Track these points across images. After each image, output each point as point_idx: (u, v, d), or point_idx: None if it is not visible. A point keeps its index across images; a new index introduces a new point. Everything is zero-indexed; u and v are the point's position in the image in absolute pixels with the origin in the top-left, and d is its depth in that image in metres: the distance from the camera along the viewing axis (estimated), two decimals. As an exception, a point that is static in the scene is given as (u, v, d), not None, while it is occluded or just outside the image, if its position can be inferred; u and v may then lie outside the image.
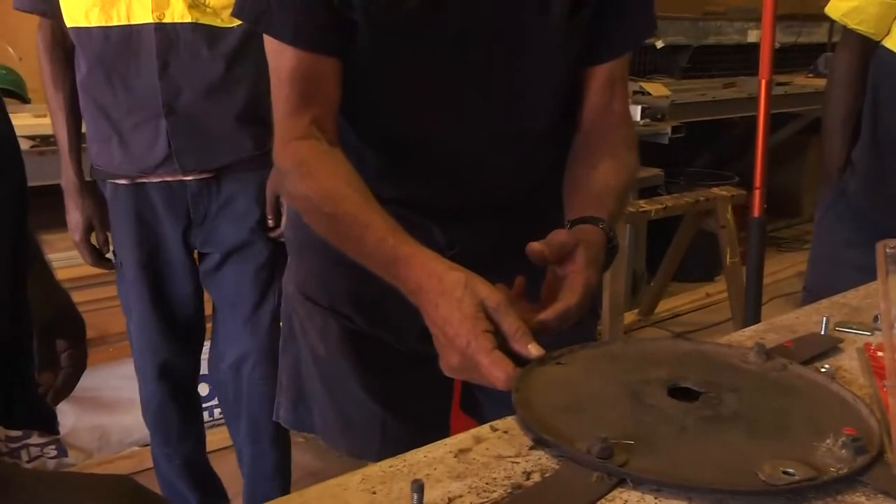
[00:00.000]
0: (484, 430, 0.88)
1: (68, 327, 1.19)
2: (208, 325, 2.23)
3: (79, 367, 1.21)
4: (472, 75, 1.16)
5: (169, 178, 1.96)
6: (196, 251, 2.11)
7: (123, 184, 1.98)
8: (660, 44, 4.18)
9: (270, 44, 1.13)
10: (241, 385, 2.17)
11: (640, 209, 3.52)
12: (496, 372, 0.92)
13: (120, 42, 1.85)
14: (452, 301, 0.97)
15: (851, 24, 1.91)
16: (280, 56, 1.12)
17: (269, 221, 2.06)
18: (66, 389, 1.19)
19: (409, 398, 1.35)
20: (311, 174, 1.12)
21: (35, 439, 2.23)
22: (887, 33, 1.88)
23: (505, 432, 0.87)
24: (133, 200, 1.99)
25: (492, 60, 1.16)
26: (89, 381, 2.46)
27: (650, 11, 1.28)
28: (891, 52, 1.86)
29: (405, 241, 1.04)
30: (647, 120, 4.02)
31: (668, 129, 3.97)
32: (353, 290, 1.27)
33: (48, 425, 1.09)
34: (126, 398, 2.72)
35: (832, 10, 1.96)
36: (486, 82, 1.17)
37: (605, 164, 1.20)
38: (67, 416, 2.54)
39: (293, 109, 1.13)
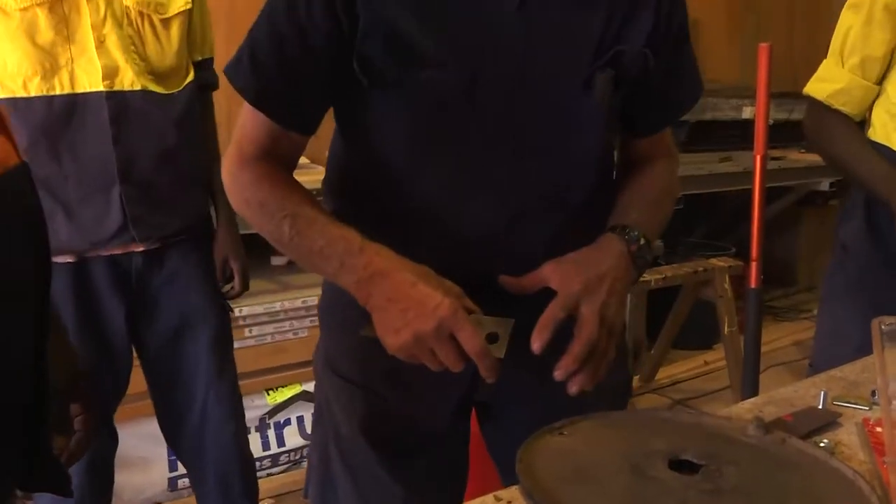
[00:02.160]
0: (488, 499, 0.87)
1: (82, 393, 1.18)
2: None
3: (91, 432, 1.19)
4: (510, 147, 1.14)
5: (119, 251, 1.87)
6: (139, 335, 1.99)
7: (65, 262, 1.84)
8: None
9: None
10: (204, 444, 2.08)
11: (641, 279, 3.51)
12: (476, 338, 0.97)
13: (64, 111, 1.77)
14: (436, 280, 1.03)
15: (836, 105, 1.93)
16: (249, 111, 1.16)
17: (228, 286, 2.05)
18: (78, 453, 1.17)
19: (431, 479, 1.30)
20: (272, 183, 1.14)
21: (48, 498, 2.19)
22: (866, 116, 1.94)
23: (509, 502, 0.85)
24: (73, 281, 1.85)
25: (531, 133, 1.14)
26: (102, 441, 2.46)
27: (697, 80, 1.30)
28: (879, 144, 1.90)
29: (370, 241, 1.07)
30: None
31: (670, 202, 3.98)
32: (391, 367, 1.19)
33: (63, 489, 1.07)
34: (138, 457, 2.70)
35: (816, 92, 1.97)
36: (524, 154, 1.15)
37: (642, 175, 1.27)
38: (80, 474, 2.51)
39: (253, 141, 1.16)
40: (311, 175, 1.31)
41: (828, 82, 1.95)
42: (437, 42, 1.07)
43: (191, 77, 1.95)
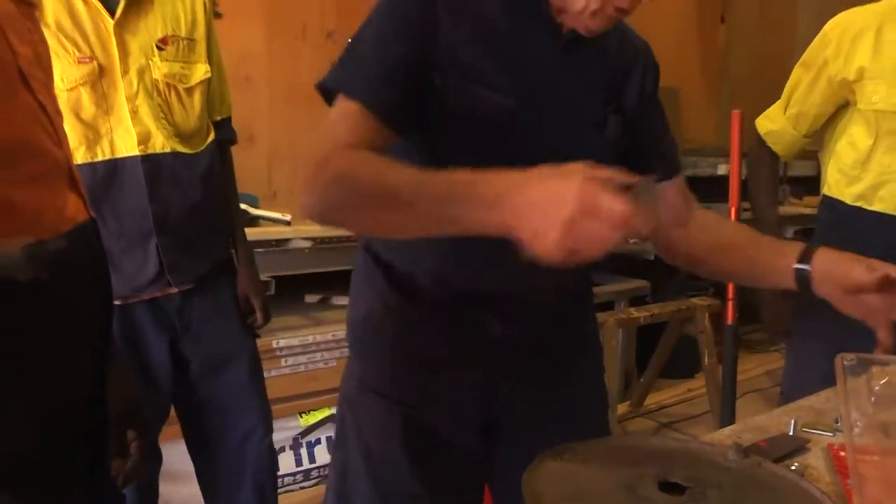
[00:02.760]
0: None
1: (138, 420, 1.18)
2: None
3: (145, 456, 1.19)
4: (540, 162, 1.14)
5: (158, 295, 1.86)
6: (182, 366, 1.97)
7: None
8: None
9: (340, 106, 1.09)
10: (246, 456, 2.05)
11: (631, 316, 3.50)
12: (619, 204, 0.82)
13: (106, 175, 1.77)
14: (559, 173, 0.88)
15: (769, 142, 2.03)
16: (346, 112, 1.09)
17: (251, 319, 2.03)
18: (133, 475, 1.16)
19: (451, 483, 1.30)
20: (350, 156, 1.03)
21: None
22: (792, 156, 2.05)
23: (516, 520, 0.85)
24: (119, 322, 1.82)
25: (554, 161, 1.14)
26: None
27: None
28: (834, 198, 1.94)
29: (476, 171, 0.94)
30: (636, 239, 4.02)
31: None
32: (425, 384, 1.24)
33: None
34: (185, 471, 2.66)
35: (760, 125, 2.06)
36: None
37: (727, 225, 1.35)
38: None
39: (344, 138, 1.06)
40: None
41: (769, 121, 2.03)
42: (494, 69, 1.14)
43: (211, 136, 1.96)
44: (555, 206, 0.85)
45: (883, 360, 0.98)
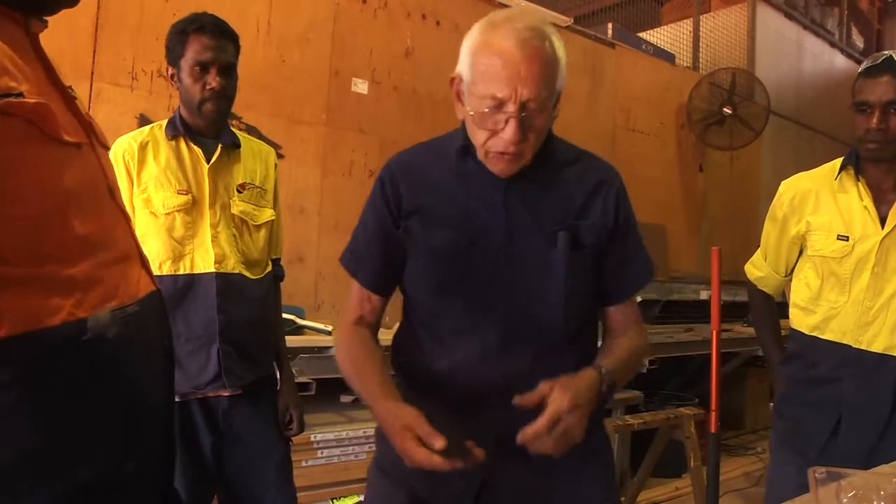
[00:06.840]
0: None
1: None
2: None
3: None
4: (500, 288, 1.23)
5: (211, 395, 1.85)
6: (223, 460, 1.92)
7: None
8: (638, 298, 4.19)
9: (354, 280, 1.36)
10: None
11: (626, 422, 3.42)
12: (409, 448, 1.10)
13: (184, 286, 1.81)
14: (398, 423, 1.14)
15: (760, 286, 2.08)
16: (354, 285, 1.36)
17: (290, 428, 2.00)
18: None
19: None
20: (349, 345, 1.33)
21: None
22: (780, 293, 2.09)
23: None
24: (178, 417, 1.79)
25: (514, 278, 1.23)
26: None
27: (647, 264, 1.34)
28: (795, 329, 1.95)
29: (385, 393, 1.22)
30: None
31: (646, 362, 3.92)
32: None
33: None
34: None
35: (749, 272, 2.12)
36: (510, 294, 1.23)
37: (619, 339, 1.32)
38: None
39: (352, 310, 1.35)
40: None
41: (756, 268, 2.09)
42: (449, 214, 1.26)
43: (269, 269, 2.00)
44: (389, 434, 1.16)
45: (847, 473, 0.94)
